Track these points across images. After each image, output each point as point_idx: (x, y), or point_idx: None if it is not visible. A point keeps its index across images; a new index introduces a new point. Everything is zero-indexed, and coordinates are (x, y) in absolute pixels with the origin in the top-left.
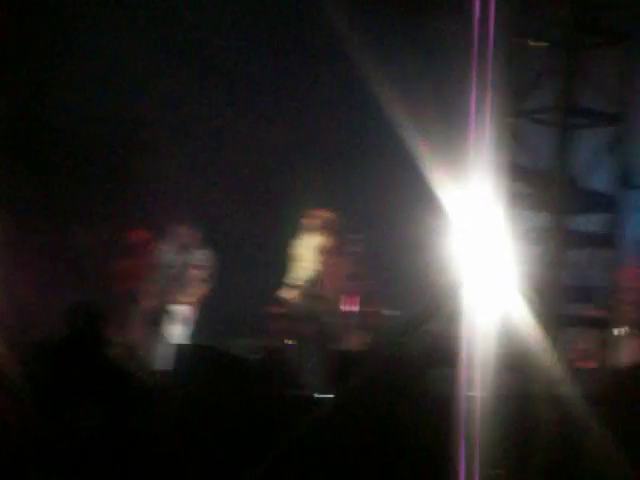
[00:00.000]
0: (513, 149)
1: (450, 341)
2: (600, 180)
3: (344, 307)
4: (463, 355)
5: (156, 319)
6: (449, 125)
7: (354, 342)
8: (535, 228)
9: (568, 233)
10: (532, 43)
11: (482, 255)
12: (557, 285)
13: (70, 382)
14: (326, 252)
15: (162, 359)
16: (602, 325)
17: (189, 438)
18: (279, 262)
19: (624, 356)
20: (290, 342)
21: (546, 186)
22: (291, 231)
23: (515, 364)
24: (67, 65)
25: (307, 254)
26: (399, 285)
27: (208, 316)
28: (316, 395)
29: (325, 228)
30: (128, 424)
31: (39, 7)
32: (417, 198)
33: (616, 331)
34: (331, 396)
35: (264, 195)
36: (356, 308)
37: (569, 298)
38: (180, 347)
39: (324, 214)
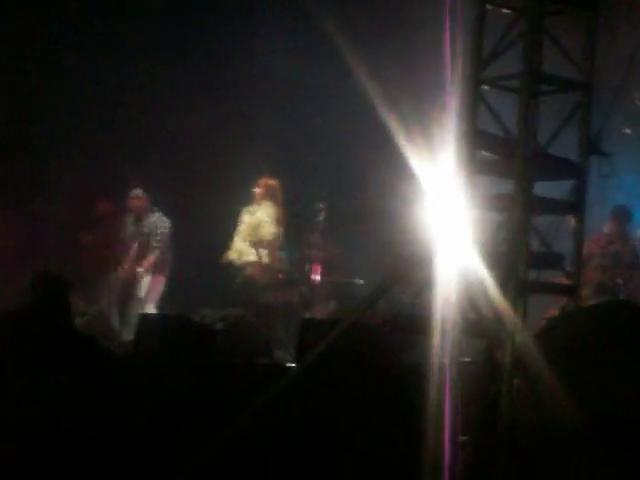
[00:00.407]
0: (478, 116)
1: (416, 308)
2: (565, 147)
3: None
4: (430, 322)
5: (123, 289)
6: (418, 93)
7: (319, 310)
8: (500, 195)
9: (533, 200)
10: (497, 9)
11: (448, 222)
12: (522, 252)
13: (30, 351)
14: (270, 220)
15: (129, 329)
16: (567, 292)
17: (153, 409)
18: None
19: None
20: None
21: (511, 153)
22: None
23: (481, 331)
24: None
25: (253, 221)
26: (366, 254)
27: (172, 286)
28: (282, 364)
29: (269, 196)
30: (89, 394)
31: None
32: (387, 166)
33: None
34: (295, 365)
35: (220, 165)
36: (320, 277)
37: (535, 265)
38: (145, 317)
39: (268, 182)
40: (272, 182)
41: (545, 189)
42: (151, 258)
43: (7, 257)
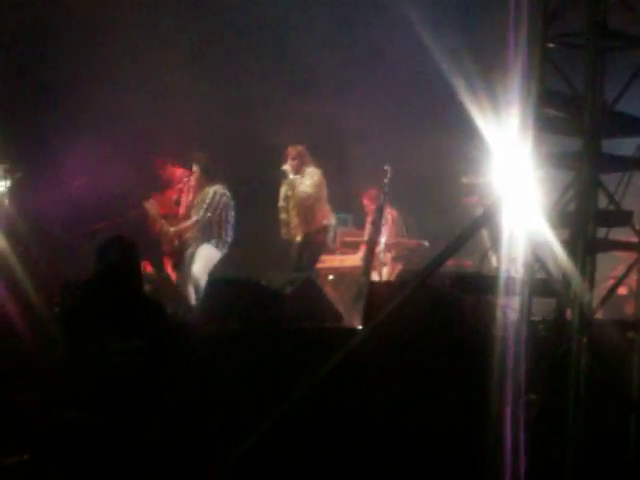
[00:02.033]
0: (544, 74)
1: (483, 269)
2: (633, 104)
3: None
4: (497, 282)
5: (190, 254)
6: (482, 51)
7: (385, 273)
8: (568, 153)
9: (601, 157)
10: None
11: (514, 182)
12: (591, 210)
13: (104, 317)
14: (311, 193)
15: (197, 294)
16: (637, 249)
17: (222, 374)
18: None
19: None
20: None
21: (579, 111)
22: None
23: (549, 290)
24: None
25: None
26: (432, 216)
27: (234, 251)
28: (350, 327)
29: (300, 165)
30: (160, 359)
31: None
32: (452, 127)
33: None
34: (363, 327)
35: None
36: (386, 239)
37: (603, 223)
38: (213, 281)
39: (294, 151)
40: (299, 149)
41: (613, 147)
42: (188, 223)
43: (77, 224)
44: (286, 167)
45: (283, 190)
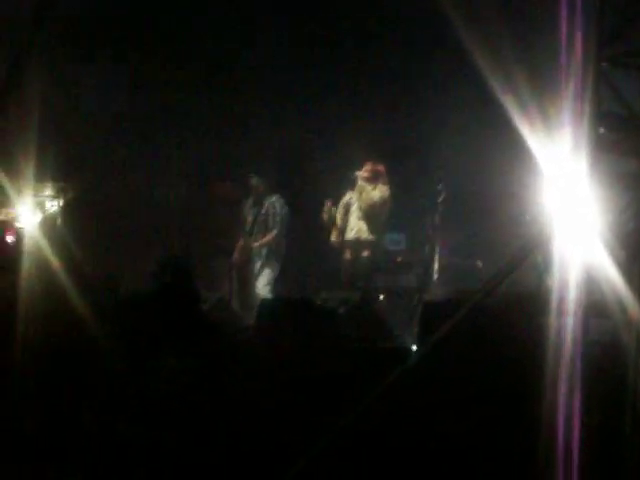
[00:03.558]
0: (602, 95)
1: (539, 290)
2: None
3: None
4: (553, 304)
5: (244, 273)
6: (535, 72)
7: (442, 293)
8: (625, 174)
9: None
10: None
11: (569, 203)
12: None
13: (158, 336)
14: (378, 204)
15: (250, 314)
16: None
17: (277, 394)
18: None
19: None
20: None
21: (635, 131)
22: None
23: (606, 312)
24: None
25: (367, 201)
26: (485, 236)
27: (288, 270)
28: (406, 347)
29: (376, 179)
30: (214, 379)
31: None
32: (507, 148)
33: None
34: (419, 347)
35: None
36: (438, 259)
37: None
38: (266, 301)
39: (375, 166)
40: (379, 167)
41: None
42: (269, 236)
43: (132, 242)
44: (361, 173)
45: (347, 196)
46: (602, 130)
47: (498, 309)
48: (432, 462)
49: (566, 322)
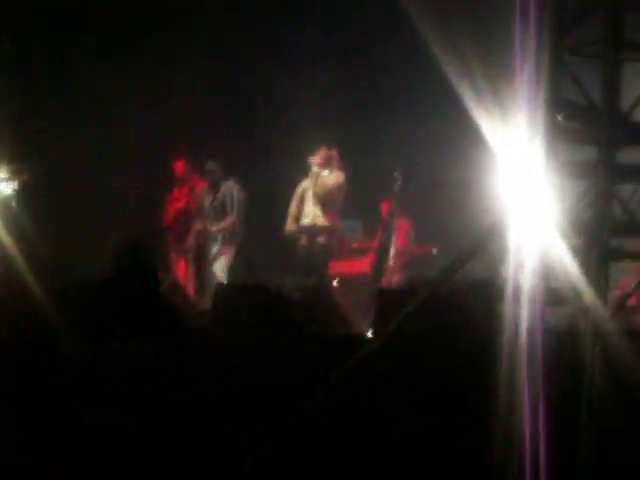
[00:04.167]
0: (559, 83)
1: (494, 278)
2: None
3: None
4: (509, 291)
5: (199, 257)
6: (493, 60)
7: (392, 280)
8: (583, 162)
9: (616, 167)
10: None
11: (526, 191)
12: (606, 219)
13: (117, 319)
14: (333, 189)
15: (206, 298)
16: None
17: (231, 379)
18: None
19: None
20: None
21: (594, 120)
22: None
23: (562, 299)
24: None
25: (320, 186)
26: (440, 223)
27: (243, 257)
28: (361, 334)
29: (328, 165)
30: (172, 362)
31: None
32: (463, 135)
33: None
34: (375, 335)
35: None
36: (396, 246)
37: (618, 232)
38: (222, 287)
39: (328, 152)
40: (331, 152)
41: (628, 157)
42: (227, 221)
43: (88, 226)
44: (314, 160)
45: (302, 183)
46: (560, 118)
47: (455, 297)
48: (387, 452)
49: (522, 309)
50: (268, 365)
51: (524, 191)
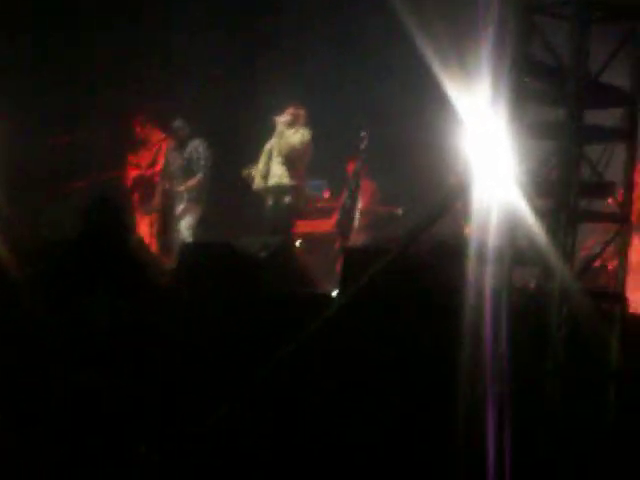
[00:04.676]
0: (527, 44)
1: (459, 238)
2: (616, 75)
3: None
4: (474, 250)
5: (165, 216)
6: (454, 20)
7: (361, 239)
8: (550, 123)
9: (584, 128)
10: None
11: (493, 152)
12: (573, 180)
13: (87, 275)
14: (299, 148)
15: (172, 257)
16: (619, 221)
17: (197, 337)
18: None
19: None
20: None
21: (562, 81)
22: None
23: (530, 259)
24: None
25: (286, 144)
26: (405, 184)
27: (208, 214)
28: (327, 293)
29: (295, 124)
30: (141, 320)
31: None
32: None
33: None
34: (339, 294)
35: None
36: (361, 206)
37: (586, 194)
38: (187, 245)
39: (296, 110)
40: (300, 111)
41: (596, 117)
42: (193, 180)
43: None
44: (280, 118)
45: (270, 142)
46: (527, 79)
47: (421, 257)
48: (353, 413)
49: (487, 269)
50: (233, 323)
51: (489, 152)
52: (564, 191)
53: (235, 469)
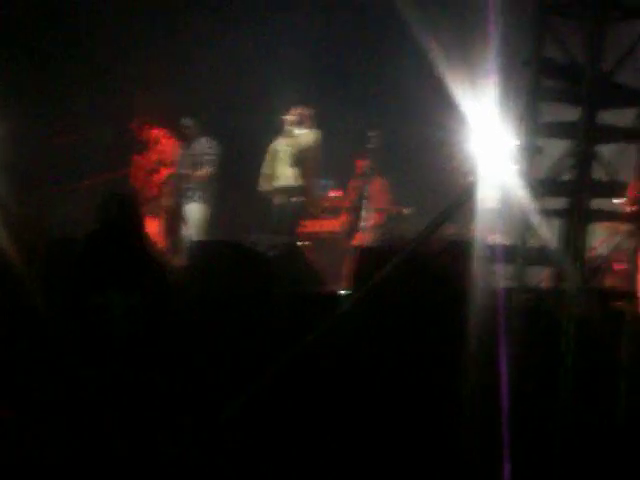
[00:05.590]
0: (542, 44)
1: (470, 238)
2: (631, 75)
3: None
4: (484, 251)
5: (174, 215)
6: (460, 20)
7: (369, 239)
8: (564, 123)
9: (597, 128)
10: None
11: (503, 152)
12: (587, 180)
13: (103, 272)
14: (306, 148)
15: (181, 256)
16: (631, 220)
17: (207, 335)
18: None
19: None
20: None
21: (576, 80)
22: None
23: (544, 259)
24: None
25: (294, 147)
26: (414, 183)
27: (217, 213)
28: (336, 292)
29: (302, 124)
30: (156, 318)
31: None
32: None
33: None
34: (350, 293)
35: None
36: (370, 205)
37: (598, 193)
38: (198, 243)
39: (302, 110)
40: (307, 111)
41: (610, 117)
42: (203, 171)
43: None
44: (288, 118)
45: (278, 143)
46: (542, 78)
47: (432, 256)
48: (366, 408)
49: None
50: (242, 322)
51: (499, 152)
52: (577, 191)
53: (246, 465)
